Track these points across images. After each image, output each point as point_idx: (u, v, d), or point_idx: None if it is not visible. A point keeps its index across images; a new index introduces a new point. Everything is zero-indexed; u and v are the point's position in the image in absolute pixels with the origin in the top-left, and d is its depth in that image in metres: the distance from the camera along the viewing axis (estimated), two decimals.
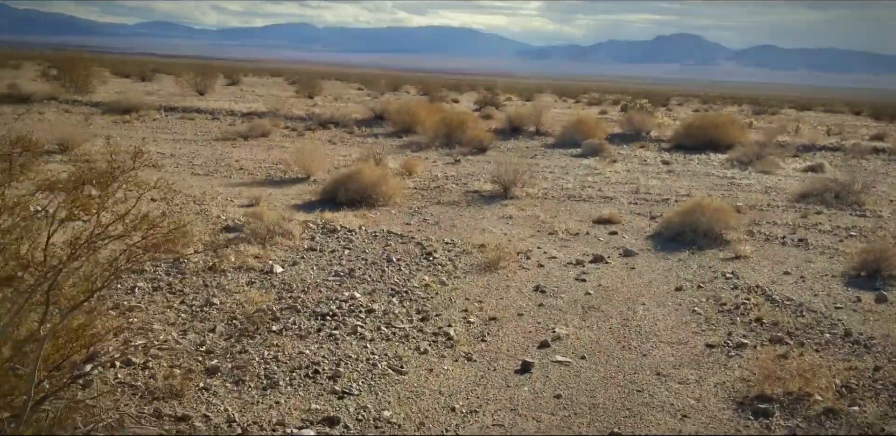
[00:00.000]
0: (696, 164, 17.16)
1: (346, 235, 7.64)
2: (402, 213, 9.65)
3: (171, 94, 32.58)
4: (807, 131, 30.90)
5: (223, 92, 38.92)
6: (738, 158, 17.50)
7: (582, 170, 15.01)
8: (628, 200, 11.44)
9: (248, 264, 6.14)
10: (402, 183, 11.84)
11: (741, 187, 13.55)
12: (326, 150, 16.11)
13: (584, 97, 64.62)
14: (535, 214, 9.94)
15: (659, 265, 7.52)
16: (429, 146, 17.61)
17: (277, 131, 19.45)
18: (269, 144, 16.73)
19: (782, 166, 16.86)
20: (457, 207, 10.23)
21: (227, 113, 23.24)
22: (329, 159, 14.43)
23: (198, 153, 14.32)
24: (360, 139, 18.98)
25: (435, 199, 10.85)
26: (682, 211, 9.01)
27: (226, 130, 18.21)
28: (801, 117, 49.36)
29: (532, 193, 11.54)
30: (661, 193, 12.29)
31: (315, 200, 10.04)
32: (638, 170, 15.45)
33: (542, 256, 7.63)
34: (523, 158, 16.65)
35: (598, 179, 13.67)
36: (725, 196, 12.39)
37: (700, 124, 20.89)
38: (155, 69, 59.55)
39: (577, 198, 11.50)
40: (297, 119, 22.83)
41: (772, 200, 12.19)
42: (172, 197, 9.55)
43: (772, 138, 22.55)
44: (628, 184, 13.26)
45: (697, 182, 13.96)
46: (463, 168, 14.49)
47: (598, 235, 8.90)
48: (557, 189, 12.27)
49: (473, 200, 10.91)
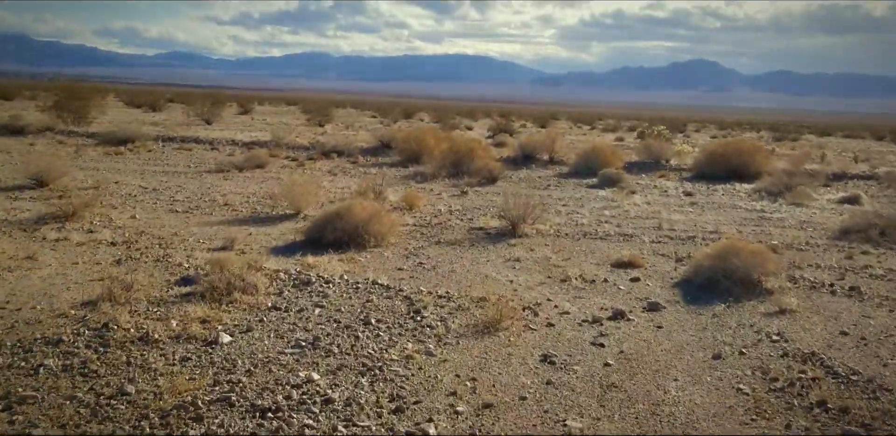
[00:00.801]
0: (721, 195, 15.99)
1: (322, 287, 6.53)
2: (396, 255, 8.56)
3: (176, 124, 31.91)
4: (833, 158, 29.73)
5: (232, 121, 38.30)
6: (766, 189, 16.33)
7: (598, 202, 13.89)
8: (650, 239, 10.29)
9: (189, 332, 5.04)
10: (400, 219, 10.77)
11: (773, 222, 12.36)
12: (324, 181, 15.12)
13: (599, 124, 63.77)
14: (545, 256, 8.82)
15: (691, 323, 6.36)
16: (435, 176, 16.57)
17: (277, 162, 18.52)
18: (264, 175, 15.75)
19: (815, 197, 15.66)
20: (458, 248, 9.13)
21: (227, 143, 22.38)
22: (325, 192, 13.43)
23: (184, 187, 13.34)
24: (363, 169, 17.98)
25: (435, 237, 9.76)
26: (713, 254, 7.85)
27: (221, 161, 17.27)
28: (824, 143, 48.16)
29: (543, 231, 10.43)
30: (686, 230, 11.13)
31: (299, 241, 8.98)
32: (659, 202, 14.30)
33: (553, 310, 6.50)
34: (535, 190, 15.57)
35: (616, 213, 12.54)
36: (757, 232, 11.22)
37: (723, 152, 19.74)
38: (171, 99, 59.36)
39: (593, 235, 10.36)
40: (300, 148, 21.93)
41: (810, 237, 11.00)
42: (136, 240, 8.53)
43: (799, 166, 21.37)
44: (649, 218, 12.12)
45: (725, 216, 12.79)
46: (469, 201, 13.41)
47: (618, 281, 7.76)
48: (571, 225, 11.15)
49: (478, 238, 9.81)
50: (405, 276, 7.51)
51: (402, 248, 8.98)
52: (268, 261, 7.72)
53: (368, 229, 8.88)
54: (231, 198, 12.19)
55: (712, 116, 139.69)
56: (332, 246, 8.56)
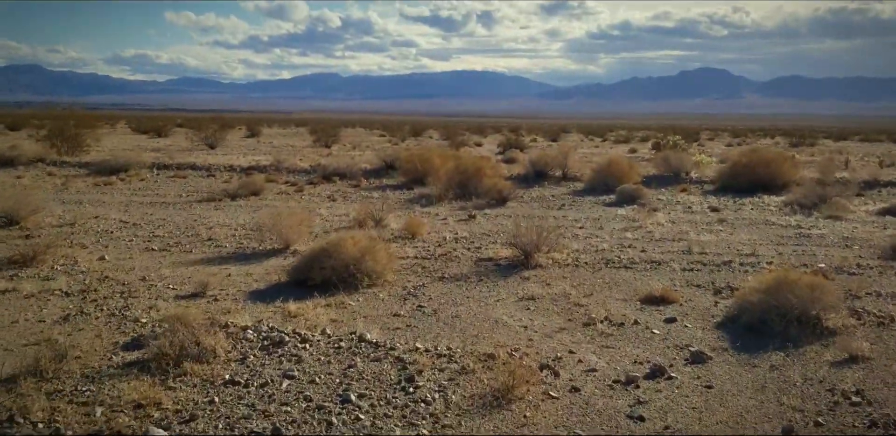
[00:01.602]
0: (751, 209, 14.81)
1: (296, 349, 5.41)
2: (393, 297, 7.47)
3: (179, 150, 31.13)
4: (857, 164, 28.46)
5: (237, 145, 37.50)
6: (797, 202, 15.13)
7: (618, 223, 12.76)
8: (681, 265, 9.14)
9: (114, 426, 3.96)
10: (399, 252, 9.70)
11: (813, 240, 11.18)
12: (322, 208, 14.10)
13: (611, 136, 62.69)
14: (564, 292, 7.69)
15: (746, 379, 5.21)
16: (441, 199, 15.50)
17: (275, 188, 17.54)
18: (258, 204, 14.75)
19: (852, 209, 14.46)
20: (465, 285, 8.03)
21: (225, 169, 21.44)
22: (321, 221, 12.40)
23: (168, 220, 12.34)
24: (365, 193, 16.95)
25: (439, 272, 8.66)
26: (762, 288, 6.70)
27: (214, 190, 16.31)
28: (842, 148, 46.82)
29: (560, 260, 9.30)
30: (720, 253, 9.98)
31: (283, 283, 7.91)
32: (684, 220, 13.15)
33: (577, 367, 5.38)
34: (548, 210, 14.46)
35: (640, 235, 11.41)
36: (798, 253, 10.04)
37: (747, 162, 18.58)
38: (180, 124, 58.73)
39: (616, 263, 9.23)
40: (301, 172, 20.97)
41: (858, 257, 9.81)
42: (96, 288, 7.49)
43: (829, 175, 20.16)
44: (676, 240, 10.97)
45: (759, 234, 11.62)
46: (477, 226, 12.32)
47: (651, 323, 6.63)
48: (591, 251, 10.02)
49: (487, 272, 8.71)
50: (401, 324, 6.40)
51: (400, 287, 7.89)
52: (241, 311, 6.66)
53: (361, 267, 7.80)
54: (217, 231, 11.16)
55: (724, 123, 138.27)
56: (319, 288, 7.49)
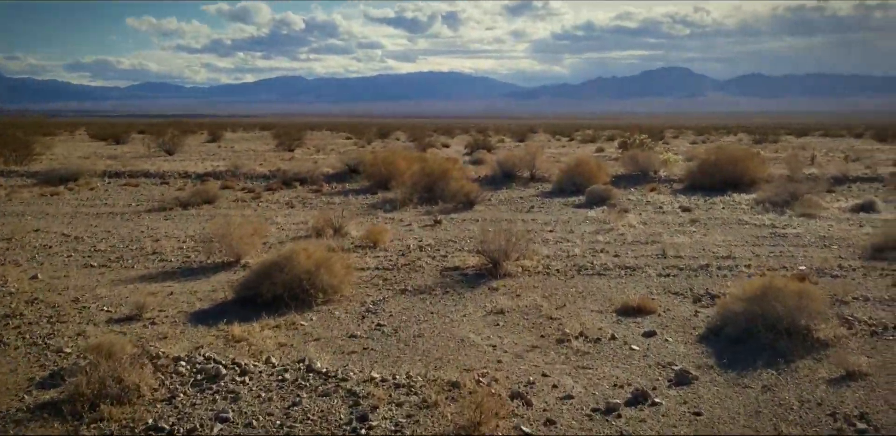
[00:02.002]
0: (722, 208, 14.44)
1: (234, 384, 4.78)
2: (350, 314, 6.87)
3: (135, 157, 30.09)
4: (823, 160, 28.42)
5: (196, 151, 36.42)
6: (769, 199, 14.81)
7: (589, 225, 12.29)
8: (656, 271, 8.66)
9: None
10: (359, 262, 9.11)
11: (790, 240, 10.80)
12: (279, 216, 13.44)
13: (577, 135, 62.55)
14: (535, 304, 7.16)
15: (737, 403, 4.72)
16: (405, 203, 14.92)
17: (231, 195, 16.81)
18: (211, 212, 14.03)
19: (825, 206, 14.16)
20: (429, 298, 7.46)
21: (179, 175, 20.63)
22: (277, 230, 11.75)
23: (113, 232, 11.59)
24: (326, 199, 16.30)
25: (401, 284, 8.08)
26: (745, 296, 6.22)
27: (165, 198, 15.55)
28: (805, 144, 47.09)
29: (530, 267, 8.78)
30: (695, 256, 9.53)
31: (230, 301, 7.28)
32: (656, 221, 12.72)
33: (551, 393, 4.84)
34: (517, 213, 13.96)
35: (612, 238, 10.93)
36: (776, 255, 9.64)
37: (716, 160, 18.26)
38: (142, 130, 57.22)
39: (589, 270, 8.73)
40: (260, 178, 20.23)
41: (839, 257, 9.43)
42: (21, 312, 6.79)
43: (797, 171, 19.94)
44: (650, 243, 10.51)
45: (733, 235, 11.21)
46: (444, 232, 11.76)
47: (629, 337, 6.12)
48: (562, 257, 9.51)
49: (453, 283, 8.15)
50: (357, 347, 5.81)
51: (358, 302, 7.29)
52: (180, 336, 6.02)
53: (315, 282, 7.19)
54: (163, 244, 10.45)
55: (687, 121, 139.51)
56: (269, 306, 6.87)
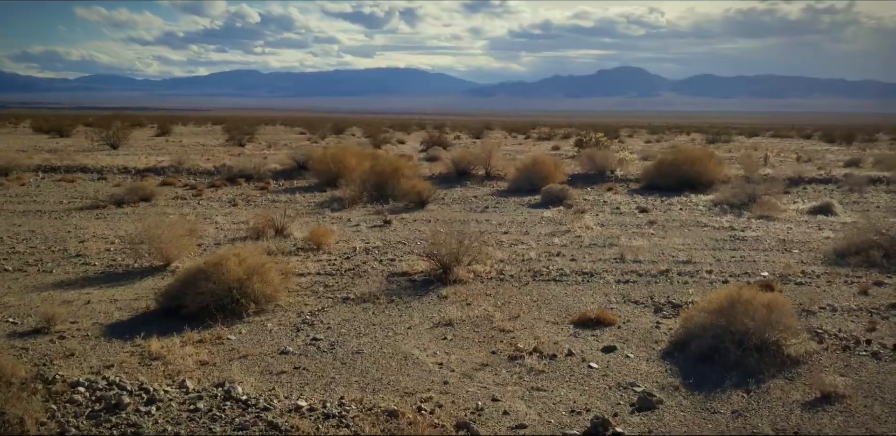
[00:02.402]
0: (680, 209, 14.13)
1: (138, 414, 4.12)
2: (283, 326, 6.27)
3: (77, 151, 28.83)
4: (775, 160, 28.52)
5: (142, 145, 35.13)
6: (726, 201, 14.55)
7: (545, 227, 11.84)
8: (615, 276, 8.22)
9: None
10: (300, 266, 8.50)
11: (749, 243, 10.48)
12: (220, 215, 12.72)
13: (533, 133, 62.41)
14: (486, 314, 6.65)
15: (706, 430, 4.25)
16: (355, 202, 14.31)
17: (171, 191, 15.99)
18: (147, 211, 13.24)
19: (782, 208, 13.92)
20: (372, 308, 6.89)
21: (119, 171, 19.66)
22: (215, 230, 11.05)
23: (37, 232, 10.77)
24: (272, 197, 15.60)
25: (344, 291, 7.50)
26: (712, 308, 5.78)
27: (100, 195, 14.69)
28: (757, 144, 47.54)
29: (482, 273, 8.26)
30: (655, 260, 9.12)
31: (152, 311, 6.61)
32: (614, 222, 12.33)
33: (502, 422, 4.32)
34: (471, 213, 13.46)
35: (568, 241, 10.48)
36: (737, 259, 9.28)
37: (673, 160, 18.00)
38: (89, 123, 55.27)
39: (544, 276, 8.24)
40: (204, 174, 19.39)
41: (801, 263, 9.11)
42: None
43: (753, 172, 19.82)
44: (607, 246, 10.09)
45: (692, 238, 10.86)
46: (393, 233, 11.20)
47: (587, 353, 5.64)
48: (517, 261, 9.02)
49: (399, 289, 7.59)
50: (287, 366, 5.22)
51: (294, 312, 6.69)
52: (89, 353, 5.37)
53: (247, 290, 6.56)
54: (90, 245, 9.68)
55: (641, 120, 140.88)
56: (194, 318, 6.22)
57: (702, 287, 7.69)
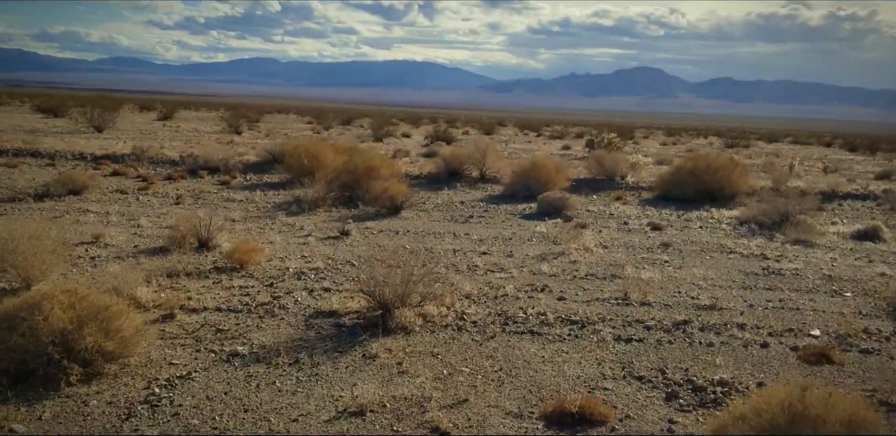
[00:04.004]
0: (699, 228, 11.98)
1: None
2: (114, 406, 4.21)
3: (59, 132, 26.94)
4: (800, 169, 26.27)
5: (133, 129, 33.15)
6: (755, 219, 12.37)
7: (535, 246, 9.73)
8: (614, 330, 6.10)
9: None
10: (200, 297, 6.43)
11: (787, 279, 8.33)
12: (147, 217, 10.69)
13: (546, 130, 60.21)
14: (420, 395, 4.55)
15: None
16: (319, 205, 12.25)
17: (117, 183, 13.98)
18: (71, 207, 11.23)
19: (820, 230, 11.75)
20: (262, 375, 4.82)
21: (73, 157, 17.66)
22: (126, 237, 9.01)
23: None
24: (229, 194, 13.57)
25: (238, 340, 5.44)
26: (762, 421, 3.67)
27: (25, 186, 12.69)
28: (777, 151, 45.21)
29: (436, 317, 6.16)
30: (668, 303, 7.00)
31: None
32: (619, 243, 10.21)
33: None
34: (451, 224, 11.38)
35: (560, 268, 8.37)
36: (775, 305, 7.14)
37: (692, 169, 15.80)
38: (83, 104, 53.49)
39: (519, 324, 6.14)
40: (166, 163, 17.38)
41: (860, 314, 6.95)
42: None
43: (781, 184, 17.62)
44: (608, 278, 7.97)
45: (716, 269, 8.71)
46: (347, 248, 9.12)
47: None
48: (487, 299, 6.92)
49: (315, 341, 5.52)
50: None
51: (145, 378, 4.63)
52: None
53: (74, 346, 4.51)
54: None
55: (658, 121, 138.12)
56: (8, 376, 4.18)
57: (733, 354, 5.58)
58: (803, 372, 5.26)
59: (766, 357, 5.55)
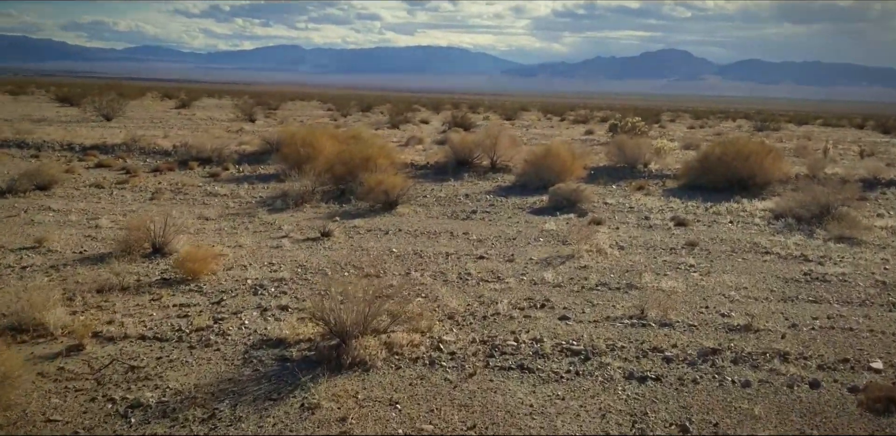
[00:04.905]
0: (729, 223, 10.71)
1: None
2: None
3: (64, 121, 26.13)
4: (834, 153, 24.66)
5: (144, 117, 32.26)
6: (791, 211, 11.07)
7: (541, 248, 8.55)
8: (624, 363, 4.92)
9: None
10: (123, 320, 5.36)
11: (835, 288, 7.08)
12: (114, 215, 9.65)
13: (570, 115, 58.59)
14: None
15: None
16: (307, 200, 11.17)
17: (96, 176, 13.01)
18: (34, 203, 10.25)
19: (866, 225, 10.42)
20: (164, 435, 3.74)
21: (62, 147, 16.72)
22: (79, 239, 7.98)
23: None
24: (213, 187, 12.53)
25: (151, 382, 4.37)
26: None
27: None
28: (808, 133, 43.32)
29: (405, 348, 5.03)
30: (694, 323, 5.80)
31: None
32: (638, 243, 8.98)
33: None
34: (450, 221, 10.23)
35: (566, 276, 7.19)
36: (822, 323, 5.92)
37: (721, 155, 14.45)
38: (121, 94, 52.91)
39: (507, 356, 4.99)
40: (158, 154, 16.39)
41: None
42: None
43: (817, 170, 16.20)
44: (622, 289, 6.78)
45: (749, 276, 7.47)
46: (326, 252, 8.02)
47: None
48: (475, 318, 5.76)
49: (246, 383, 4.42)
50: None
51: None
52: None
53: None
54: None
55: (685, 104, 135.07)
56: None
57: (776, 400, 4.39)
58: (868, 426, 4.06)
59: (817, 403, 4.36)
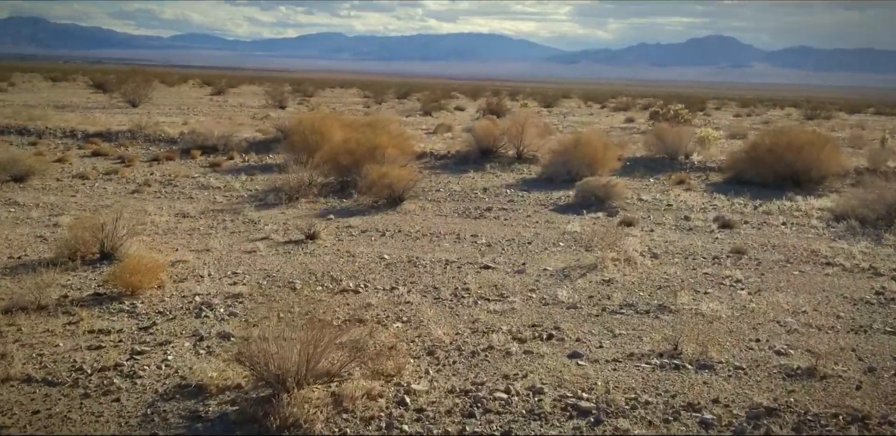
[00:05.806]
0: (782, 225, 9.31)
1: None
2: None
3: (87, 108, 25.52)
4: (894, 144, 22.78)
5: (174, 103, 31.51)
6: (854, 212, 9.60)
7: (559, 256, 7.29)
8: (648, 430, 3.69)
9: None
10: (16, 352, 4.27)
11: None
12: (73, 214, 8.64)
13: (611, 102, 56.67)
14: None
15: None
16: (303, 193, 10.06)
17: (86, 165, 12.08)
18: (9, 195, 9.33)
19: None
20: None
21: (63, 134, 15.86)
22: (28, 241, 6.96)
23: None
24: (208, 179, 11.51)
25: None
26: None
27: None
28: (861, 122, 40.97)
29: (357, 402, 3.85)
30: (742, 365, 4.51)
31: None
32: (676, 250, 7.67)
33: None
34: (461, 219, 9.03)
35: (585, 294, 5.93)
36: None
37: (772, 145, 12.97)
38: (161, 81, 52.44)
39: (492, 416, 3.78)
40: (164, 142, 15.45)
41: None
42: None
43: (879, 163, 14.58)
44: (652, 312, 5.51)
45: (807, 295, 6.13)
46: (303, 258, 6.88)
47: None
48: (461, 354, 4.56)
49: None
50: None
51: None
52: None
53: None
54: None
55: (731, 92, 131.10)
56: None
57: None
58: None
59: None
